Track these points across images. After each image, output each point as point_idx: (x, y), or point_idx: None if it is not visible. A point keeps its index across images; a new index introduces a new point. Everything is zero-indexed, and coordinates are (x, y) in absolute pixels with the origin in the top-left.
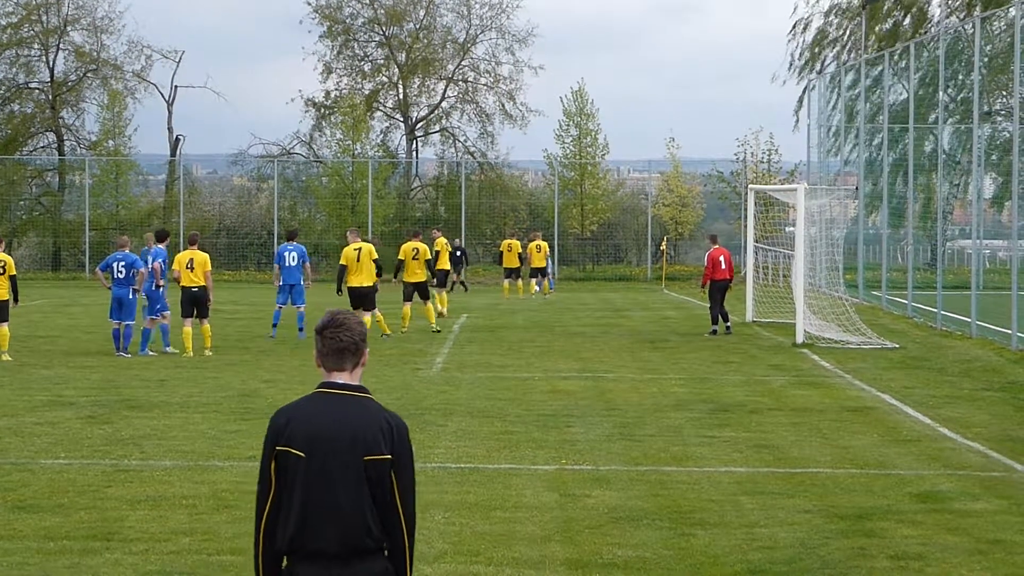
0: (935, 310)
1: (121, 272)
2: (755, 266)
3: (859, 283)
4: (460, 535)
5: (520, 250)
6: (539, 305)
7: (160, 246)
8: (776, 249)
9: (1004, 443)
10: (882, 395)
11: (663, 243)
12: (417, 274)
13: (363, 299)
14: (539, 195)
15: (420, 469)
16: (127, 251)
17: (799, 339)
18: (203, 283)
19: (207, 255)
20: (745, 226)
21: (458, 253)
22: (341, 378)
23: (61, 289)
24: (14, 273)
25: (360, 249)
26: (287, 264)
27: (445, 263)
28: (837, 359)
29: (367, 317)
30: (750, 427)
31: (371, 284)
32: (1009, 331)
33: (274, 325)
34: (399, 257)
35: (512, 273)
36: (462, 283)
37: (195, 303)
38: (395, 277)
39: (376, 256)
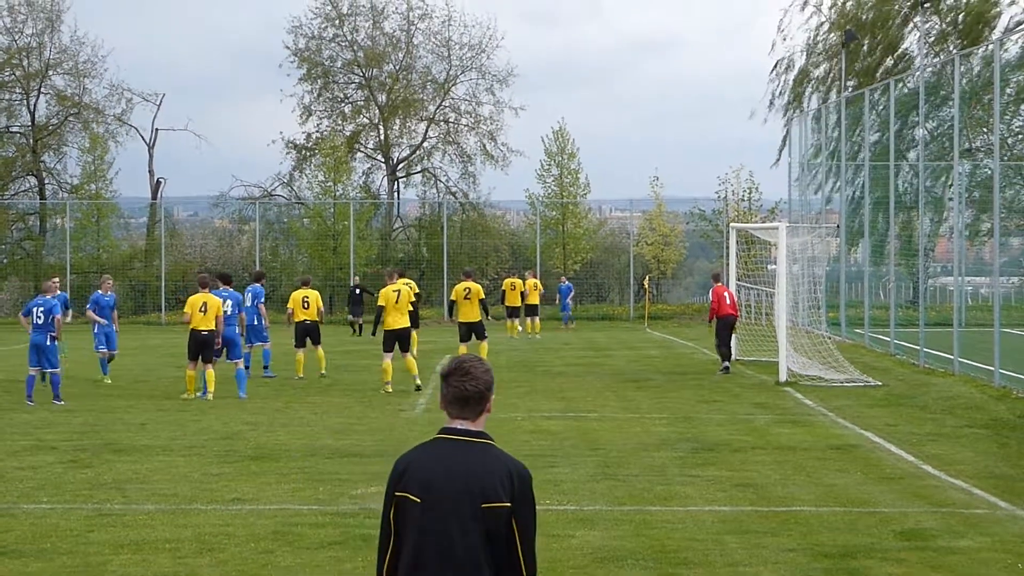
0: (918, 347)
1: (40, 318)
2: (738, 304)
3: (841, 321)
4: None
5: (523, 288)
6: (525, 344)
7: (227, 287)
8: (758, 287)
9: (987, 480)
10: (865, 433)
11: (646, 282)
12: (472, 314)
13: (401, 340)
14: (521, 235)
15: None
16: (49, 297)
17: (782, 377)
18: (214, 327)
19: (219, 300)
20: (727, 264)
21: (357, 292)
22: (463, 425)
23: None
24: None
25: (399, 291)
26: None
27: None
28: (820, 397)
29: (412, 360)
30: (734, 466)
31: (409, 325)
32: (992, 368)
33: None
34: (451, 298)
35: (515, 312)
36: (358, 325)
37: (204, 347)
38: (449, 317)
39: (414, 299)
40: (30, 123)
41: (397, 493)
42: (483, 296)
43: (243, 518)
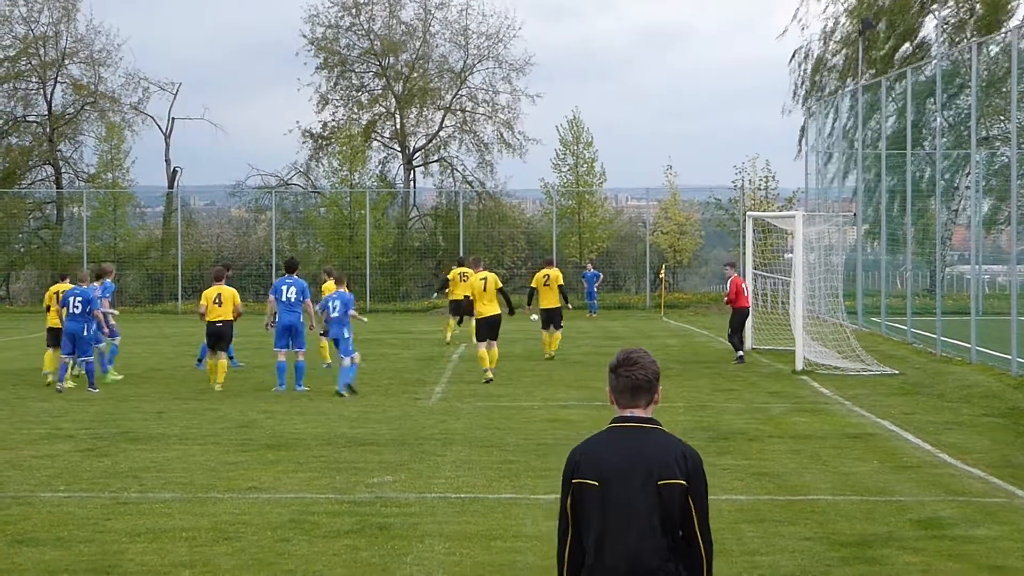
0: (935, 336)
1: (77, 307)
2: (754, 293)
3: (858, 309)
4: (461, 566)
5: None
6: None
7: (292, 275)
8: (775, 276)
9: (1005, 469)
10: (882, 421)
11: (662, 271)
12: (552, 301)
13: (492, 328)
14: (537, 224)
15: (419, 499)
16: (84, 286)
17: (799, 366)
18: (229, 318)
19: (235, 290)
20: (744, 253)
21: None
22: (633, 413)
23: None
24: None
25: (486, 279)
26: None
27: (459, 294)
28: (837, 386)
29: (495, 349)
30: (750, 455)
31: (499, 313)
32: (1009, 356)
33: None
34: (531, 285)
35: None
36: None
37: (219, 338)
38: (529, 304)
39: (501, 285)
40: (47, 112)
41: (575, 480)
42: (562, 282)
43: (259, 507)
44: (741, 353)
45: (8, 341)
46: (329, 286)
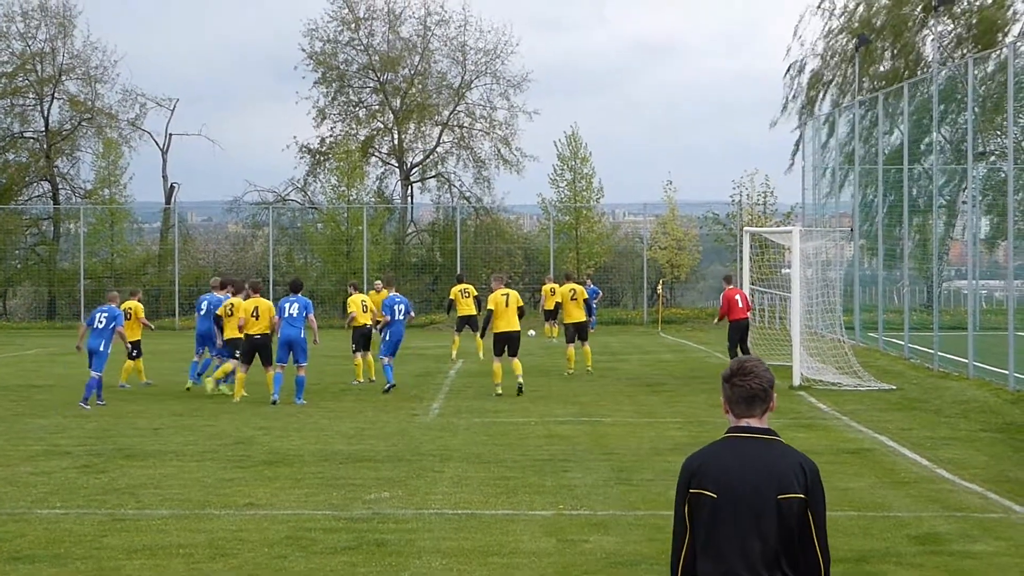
0: (932, 351)
1: (101, 322)
2: (751, 308)
3: (856, 324)
4: None
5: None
6: (540, 349)
7: (296, 293)
8: (772, 291)
9: (1002, 484)
10: (880, 437)
11: (659, 286)
12: (576, 315)
13: (511, 343)
14: (534, 239)
15: (416, 516)
16: (113, 306)
17: (796, 381)
18: (267, 331)
19: (271, 303)
20: (741, 268)
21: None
22: (749, 423)
23: (56, 338)
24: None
25: (508, 295)
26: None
27: (471, 309)
28: (834, 401)
29: (517, 361)
30: None
31: (517, 329)
32: (1006, 372)
33: None
34: (557, 300)
35: (551, 315)
36: None
37: (258, 350)
38: (553, 319)
39: (522, 303)
40: (44, 128)
41: (692, 490)
42: (587, 296)
43: (256, 523)
44: None
45: (5, 357)
46: (354, 299)
